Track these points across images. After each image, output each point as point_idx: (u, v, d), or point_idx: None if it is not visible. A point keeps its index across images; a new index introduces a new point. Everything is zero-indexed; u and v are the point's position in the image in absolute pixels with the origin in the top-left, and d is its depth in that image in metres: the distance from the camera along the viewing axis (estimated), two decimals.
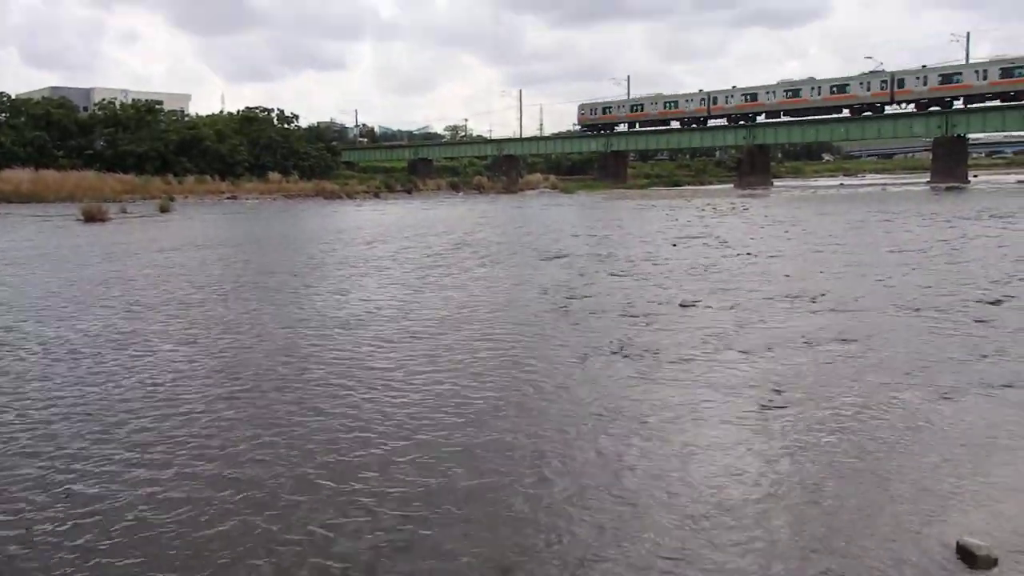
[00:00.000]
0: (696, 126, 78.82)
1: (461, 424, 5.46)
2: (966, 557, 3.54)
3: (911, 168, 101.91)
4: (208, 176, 54.82)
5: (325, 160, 72.39)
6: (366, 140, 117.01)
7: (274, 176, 58.58)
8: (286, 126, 72.72)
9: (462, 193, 60.13)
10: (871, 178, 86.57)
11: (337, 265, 15.15)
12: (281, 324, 9.12)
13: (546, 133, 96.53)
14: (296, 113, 76.96)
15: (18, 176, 43.09)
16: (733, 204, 38.25)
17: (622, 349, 7.60)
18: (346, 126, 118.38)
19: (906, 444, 5.01)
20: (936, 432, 5.22)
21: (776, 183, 73.54)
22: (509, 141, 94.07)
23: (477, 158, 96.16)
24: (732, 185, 71.98)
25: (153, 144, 58.63)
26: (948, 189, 51.41)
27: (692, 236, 20.45)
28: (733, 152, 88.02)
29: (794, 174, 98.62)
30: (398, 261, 15.68)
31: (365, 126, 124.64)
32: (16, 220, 28.44)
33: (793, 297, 10.41)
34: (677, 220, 27.31)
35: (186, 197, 45.29)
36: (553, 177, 75.25)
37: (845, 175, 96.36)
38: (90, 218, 26.75)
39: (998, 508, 4.09)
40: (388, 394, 6.19)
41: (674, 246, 17.97)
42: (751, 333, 8.25)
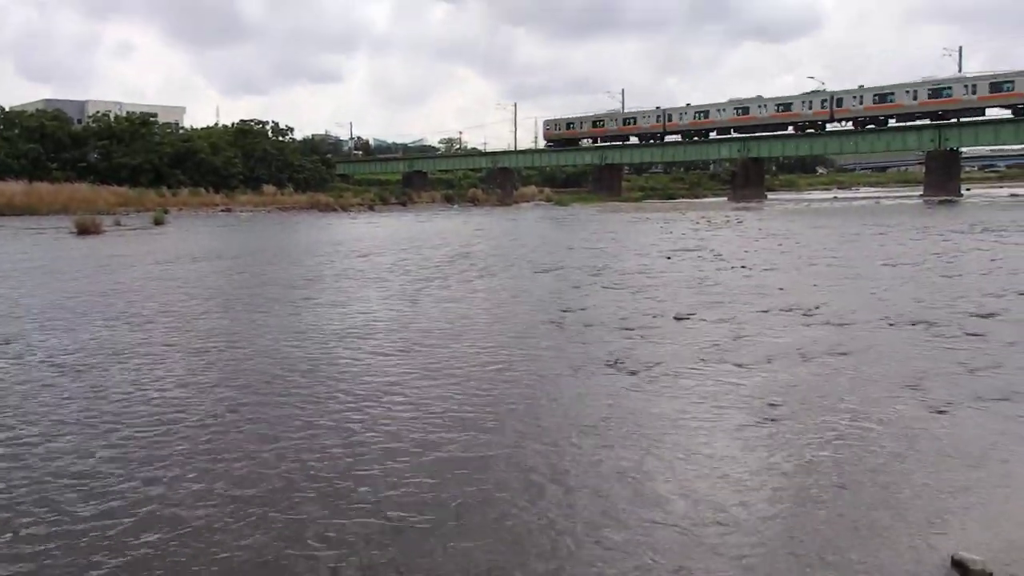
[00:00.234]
0: (655, 141, 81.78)
1: (458, 435, 5.46)
2: (962, 571, 3.54)
3: (905, 181, 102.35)
4: (203, 188, 54.79)
5: (320, 173, 72.47)
6: (361, 153, 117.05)
7: (269, 189, 58.57)
8: (281, 139, 72.81)
9: (457, 206, 60.18)
10: (865, 191, 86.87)
11: (335, 277, 15.15)
12: (283, 336, 9.13)
13: (540, 146, 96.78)
14: (291, 126, 77.41)
15: (11, 189, 42.97)
16: (727, 217, 38.34)
17: (617, 362, 7.61)
18: (341, 139, 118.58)
19: (901, 458, 5.02)
20: (931, 446, 5.23)
21: (770, 196, 73.82)
22: (504, 154, 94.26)
23: (472, 171, 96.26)
24: (726, 198, 72.19)
25: (147, 156, 58.60)
26: (941, 202, 51.62)
27: (686, 249, 20.50)
28: (727, 165, 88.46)
29: (788, 187, 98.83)
30: (395, 273, 15.69)
31: (360, 139, 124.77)
32: (9, 233, 28.37)
33: (787, 310, 10.44)
34: (671, 233, 27.38)
35: (180, 209, 45.28)
36: (548, 190, 75.43)
37: (839, 188, 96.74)
38: (83, 231, 26.64)
39: (993, 522, 4.09)
40: (387, 405, 6.20)
41: (668, 259, 18.01)
42: (746, 346, 8.26)
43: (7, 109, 62.94)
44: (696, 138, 78.44)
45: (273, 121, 73.85)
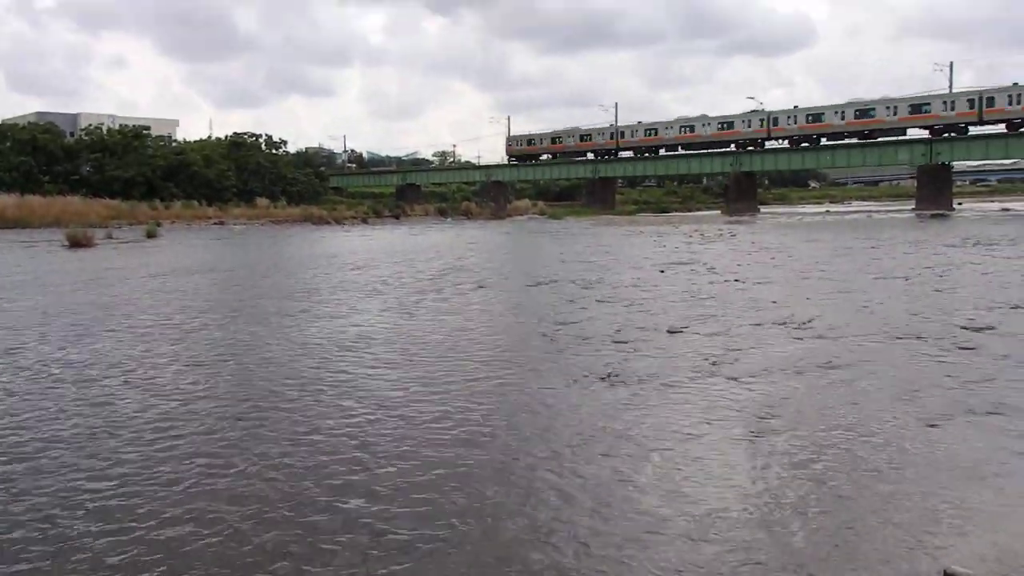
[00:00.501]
0: (648, 155, 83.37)
1: (455, 446, 5.49)
2: None
3: (896, 195, 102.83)
4: (196, 201, 54.63)
5: (313, 186, 72.51)
6: (354, 166, 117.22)
7: (262, 201, 58.44)
8: (274, 152, 72.82)
9: (450, 219, 60.20)
10: (857, 205, 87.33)
11: (331, 290, 15.15)
12: (281, 348, 9.15)
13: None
14: (284, 139, 77.37)
15: (3, 201, 42.77)
16: (720, 230, 38.47)
17: (611, 374, 7.63)
18: (334, 152, 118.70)
19: (893, 471, 5.04)
20: (923, 459, 5.25)
21: (763, 210, 74.18)
22: (498, 167, 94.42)
23: (465, 184, 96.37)
24: (719, 212, 72.49)
25: (140, 169, 58.46)
26: (933, 216, 51.90)
27: (680, 262, 20.56)
28: (720, 179, 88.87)
29: (781, 201, 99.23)
30: (390, 286, 15.69)
31: (353, 152, 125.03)
32: (2, 246, 28.27)
33: (781, 324, 10.47)
34: (665, 246, 27.45)
35: (173, 222, 45.16)
36: (541, 203, 75.43)
37: (831, 202, 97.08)
38: (75, 244, 26.56)
39: (985, 535, 4.11)
40: (384, 416, 6.23)
41: (662, 272, 18.05)
42: (739, 359, 8.28)
43: None
44: (647, 154, 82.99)
45: (267, 134, 73.91)
